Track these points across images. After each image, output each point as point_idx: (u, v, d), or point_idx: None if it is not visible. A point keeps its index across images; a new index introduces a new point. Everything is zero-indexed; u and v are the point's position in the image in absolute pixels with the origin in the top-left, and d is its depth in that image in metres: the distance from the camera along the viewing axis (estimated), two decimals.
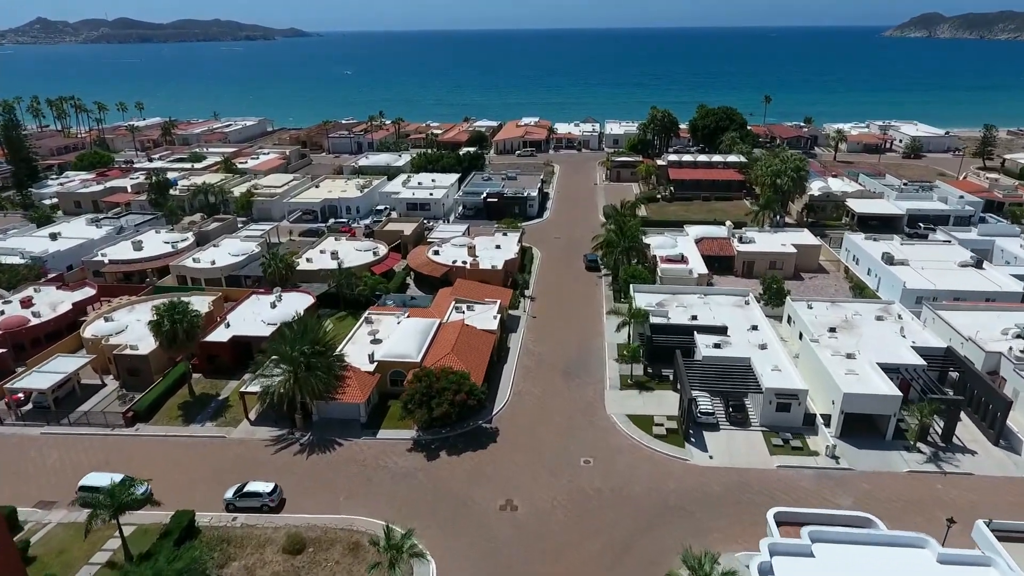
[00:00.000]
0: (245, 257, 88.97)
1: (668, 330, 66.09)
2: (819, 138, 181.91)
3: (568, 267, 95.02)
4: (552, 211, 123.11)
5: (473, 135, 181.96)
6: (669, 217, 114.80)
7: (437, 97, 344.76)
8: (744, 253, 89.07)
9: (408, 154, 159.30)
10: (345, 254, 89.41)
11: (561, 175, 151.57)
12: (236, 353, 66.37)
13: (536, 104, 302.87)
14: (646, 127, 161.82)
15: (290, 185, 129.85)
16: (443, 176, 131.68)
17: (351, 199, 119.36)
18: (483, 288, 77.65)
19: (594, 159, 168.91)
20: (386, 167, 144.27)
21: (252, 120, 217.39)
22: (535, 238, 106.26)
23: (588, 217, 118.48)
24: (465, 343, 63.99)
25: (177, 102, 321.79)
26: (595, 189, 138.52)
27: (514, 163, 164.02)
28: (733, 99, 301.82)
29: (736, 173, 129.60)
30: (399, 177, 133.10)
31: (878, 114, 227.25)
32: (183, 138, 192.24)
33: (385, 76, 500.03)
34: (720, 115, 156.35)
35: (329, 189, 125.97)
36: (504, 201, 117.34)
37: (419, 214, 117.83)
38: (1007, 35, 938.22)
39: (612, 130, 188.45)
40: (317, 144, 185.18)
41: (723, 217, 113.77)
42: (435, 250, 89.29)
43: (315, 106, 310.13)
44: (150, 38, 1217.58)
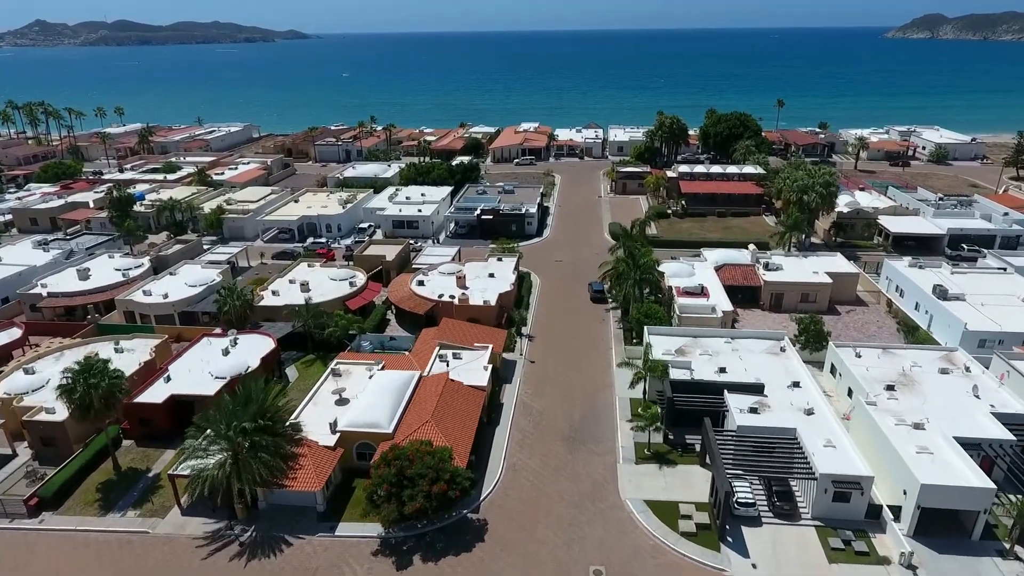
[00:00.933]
0: (203, 288, 77.98)
1: (693, 388, 55.15)
2: (836, 145, 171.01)
3: (571, 297, 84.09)
4: (553, 229, 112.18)
5: (468, 142, 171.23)
6: (682, 236, 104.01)
7: (434, 100, 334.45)
8: (772, 283, 78.05)
9: (398, 164, 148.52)
10: (318, 284, 78.53)
11: (562, 186, 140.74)
12: (175, 416, 55.44)
13: (535, 107, 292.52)
14: (653, 134, 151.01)
15: (267, 199, 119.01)
16: (434, 189, 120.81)
17: (332, 216, 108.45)
18: (472, 329, 66.76)
19: (597, 168, 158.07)
20: (373, 179, 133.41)
21: (237, 126, 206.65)
22: (534, 261, 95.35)
23: (592, 236, 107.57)
24: (448, 406, 53.08)
25: (162, 106, 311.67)
26: (599, 202, 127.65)
27: (512, 173, 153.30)
28: (739, 103, 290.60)
29: (753, 186, 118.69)
30: (386, 190, 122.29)
31: (893, 119, 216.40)
32: (161, 146, 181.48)
33: (382, 79, 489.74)
34: (733, 121, 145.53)
35: (309, 204, 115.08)
36: (500, 218, 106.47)
37: (406, 233, 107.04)
38: (1011, 36, 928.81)
39: (616, 136, 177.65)
40: (303, 152, 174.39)
41: (741, 235, 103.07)
42: (420, 280, 78.35)
43: (307, 110, 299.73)
44: (149, 40, 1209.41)
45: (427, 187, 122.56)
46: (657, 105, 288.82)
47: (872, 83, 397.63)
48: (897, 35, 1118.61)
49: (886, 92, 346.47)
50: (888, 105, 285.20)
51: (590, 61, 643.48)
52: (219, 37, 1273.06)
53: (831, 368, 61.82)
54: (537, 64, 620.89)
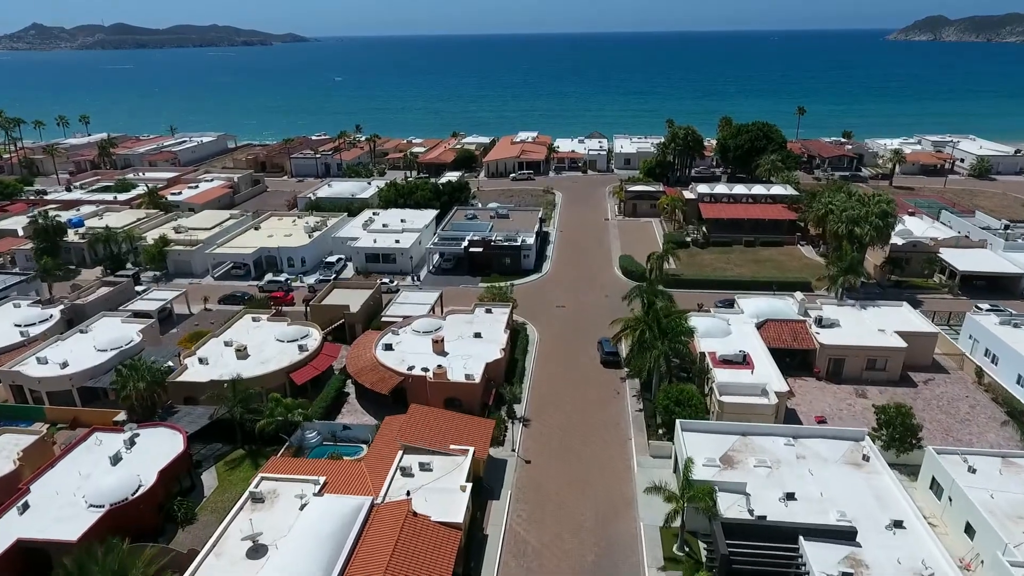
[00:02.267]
0: (116, 354, 61.99)
1: (755, 532, 39.15)
2: (865, 157, 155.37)
3: (576, 358, 68.16)
4: (554, 262, 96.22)
5: (460, 155, 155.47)
6: (706, 272, 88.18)
7: (427, 106, 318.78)
8: (831, 347, 62.08)
9: (379, 181, 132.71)
10: (259, 347, 62.65)
11: (564, 207, 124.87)
12: (24, 568, 39.51)
13: (534, 113, 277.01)
14: (665, 147, 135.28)
15: (224, 226, 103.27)
16: (416, 213, 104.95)
17: (295, 248, 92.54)
18: (449, 420, 50.83)
19: (603, 184, 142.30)
20: (350, 199, 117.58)
21: (211, 136, 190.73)
22: (531, 306, 79.40)
23: (600, 272, 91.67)
24: (408, 558, 37.21)
25: (140, 113, 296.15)
26: (606, 227, 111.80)
27: (507, 190, 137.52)
28: (748, 108, 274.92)
29: (785, 210, 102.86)
30: (362, 214, 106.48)
31: (918, 126, 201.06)
32: (124, 159, 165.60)
33: (375, 83, 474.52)
34: (755, 133, 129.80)
35: (270, 233, 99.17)
36: (492, 251, 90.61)
37: (381, 268, 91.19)
38: (1015, 38, 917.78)
39: (623, 148, 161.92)
40: (278, 166, 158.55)
41: (776, 271, 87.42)
42: (387, 343, 62.36)
43: (293, 117, 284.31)
44: (146, 44, 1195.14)
45: (409, 211, 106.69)
46: (662, 110, 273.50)
47: (886, 87, 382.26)
48: (899, 37, 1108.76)
49: (904, 97, 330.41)
50: (908, 111, 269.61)
51: (590, 65, 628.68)
52: (217, 41, 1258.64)
53: (931, 482, 45.77)
54: (537, 67, 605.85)
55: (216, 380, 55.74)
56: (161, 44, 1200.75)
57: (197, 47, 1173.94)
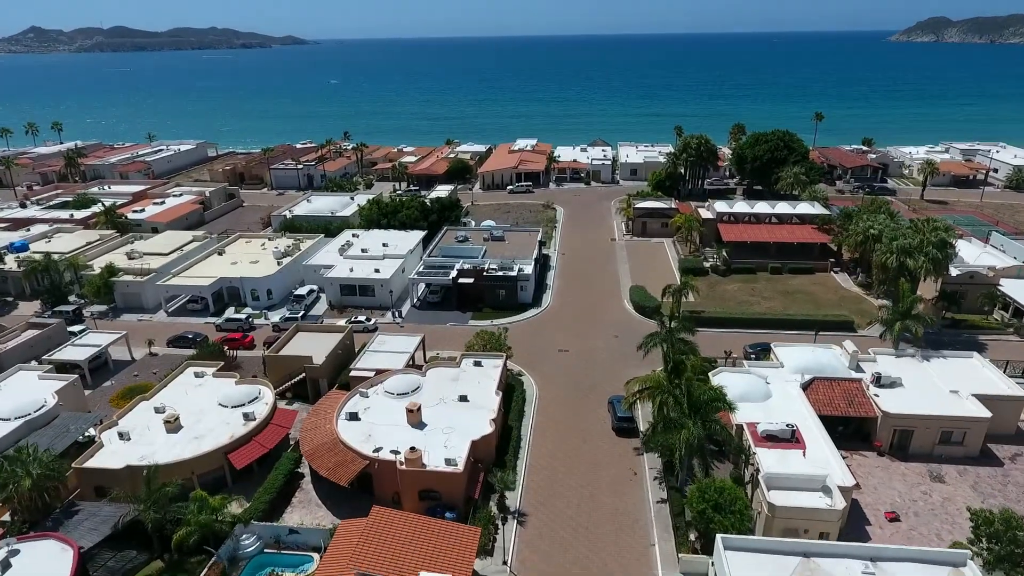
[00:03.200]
0: (20, 424, 50.62)
1: None
2: (890, 167, 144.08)
3: (582, 421, 56.79)
4: (555, 292, 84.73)
5: (453, 165, 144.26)
6: (730, 307, 76.79)
7: (422, 111, 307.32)
8: (895, 417, 50.61)
9: (366, 194, 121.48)
10: (198, 414, 51.35)
11: (566, 224, 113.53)
12: None
13: (533, 118, 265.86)
14: (676, 158, 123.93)
15: (185, 250, 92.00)
16: (401, 236, 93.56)
17: (260, 279, 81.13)
18: (421, 530, 39.39)
19: (607, 197, 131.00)
20: (329, 218, 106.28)
21: (190, 143, 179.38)
22: (529, 350, 68.06)
23: (608, 306, 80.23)
24: None
25: (123, 119, 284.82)
26: (613, 249, 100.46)
27: (504, 204, 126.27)
28: (753, 111, 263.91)
29: (815, 232, 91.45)
30: (341, 236, 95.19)
31: (939, 131, 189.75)
32: (94, 170, 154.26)
33: (372, 86, 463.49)
34: (775, 143, 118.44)
35: (235, 259, 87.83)
36: (484, 282, 79.23)
37: (358, 302, 79.85)
38: (1018, 39, 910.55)
39: (628, 157, 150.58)
40: (257, 177, 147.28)
41: (811, 306, 76.18)
42: (352, 411, 50.97)
43: (282, 122, 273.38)
44: (144, 46, 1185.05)
45: (393, 232, 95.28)
46: (667, 115, 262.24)
47: (899, 89, 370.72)
48: (901, 39, 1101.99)
49: (920, 100, 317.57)
50: (928, 115, 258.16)
51: (591, 67, 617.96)
52: (216, 43, 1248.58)
53: None
54: (538, 70, 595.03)
55: (134, 466, 44.44)
56: (159, 47, 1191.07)
57: (196, 50, 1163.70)
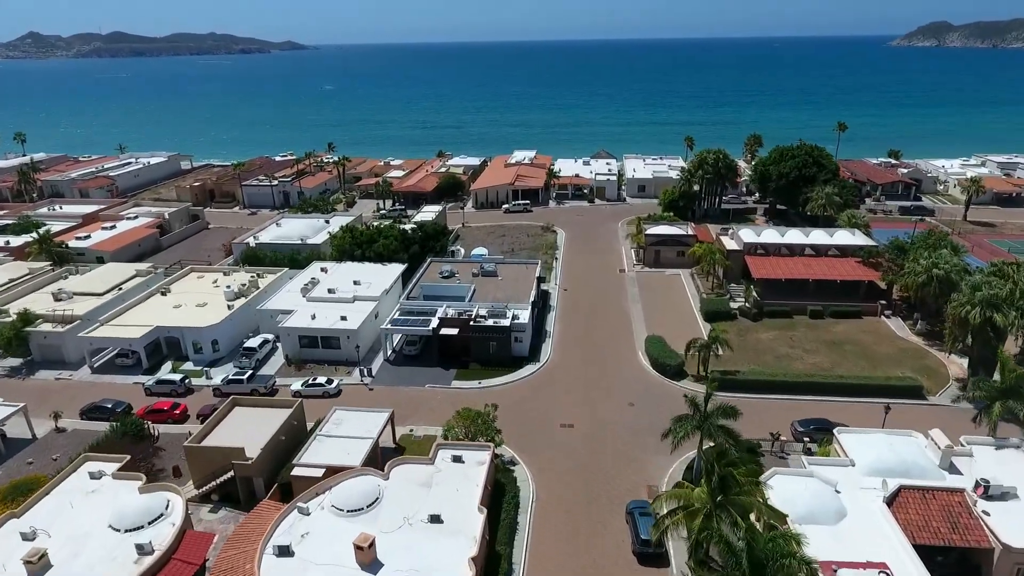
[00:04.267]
0: None
1: None
2: (923, 183, 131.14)
3: (593, 539, 43.39)
4: (556, 341, 71.37)
5: (444, 181, 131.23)
6: (768, 368, 63.37)
7: (415, 119, 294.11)
8: (1020, 552, 37.35)
9: (345, 216, 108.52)
10: (79, 541, 38.10)
11: (568, 251, 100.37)
12: None
13: (532, 127, 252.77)
14: (691, 175, 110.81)
15: (124, 288, 78.82)
16: (377, 270, 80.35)
17: (204, 328, 67.87)
18: None
19: (614, 217, 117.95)
20: (298, 246, 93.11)
21: (162, 156, 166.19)
22: (524, 425, 54.79)
23: (620, 361, 66.88)
24: None
25: (105, 129, 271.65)
26: (623, 283, 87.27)
27: (499, 225, 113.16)
28: (762, 118, 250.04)
29: (860, 267, 78.11)
30: (310, 268, 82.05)
31: (970, 142, 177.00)
32: (52, 186, 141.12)
33: (366, 92, 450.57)
34: (803, 158, 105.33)
35: (180, 301, 74.58)
36: (472, 332, 66.00)
37: (320, 356, 66.66)
38: (1021, 44, 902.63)
39: (635, 171, 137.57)
40: (229, 194, 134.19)
41: (865, 363, 63.13)
42: (282, 543, 37.62)
43: (271, 129, 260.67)
44: (143, 52, 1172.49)
45: (367, 266, 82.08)
46: (673, 122, 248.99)
47: (912, 96, 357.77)
48: (902, 43, 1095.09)
49: (939, 107, 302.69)
50: (951, 124, 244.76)
51: (593, 73, 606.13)
52: (214, 49, 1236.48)
53: None
54: (538, 75, 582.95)
55: None
56: (158, 52, 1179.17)
57: (194, 55, 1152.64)
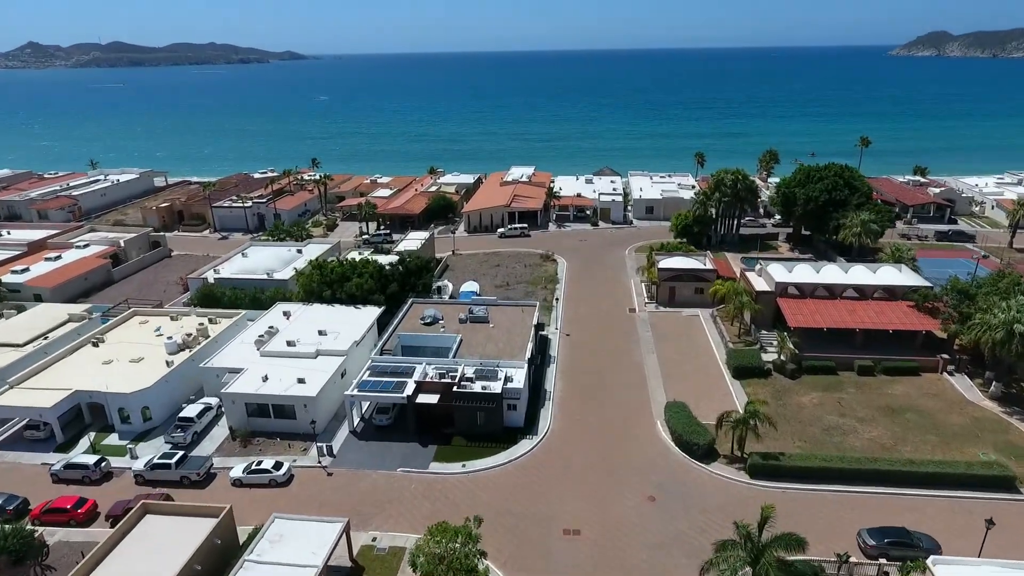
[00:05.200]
0: None
1: None
2: (957, 204, 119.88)
3: None
4: (556, 405, 59.55)
5: (434, 203, 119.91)
6: (813, 441, 51.86)
7: (409, 131, 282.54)
8: None
9: (320, 244, 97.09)
10: None
11: (571, 285, 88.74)
12: None
13: (531, 141, 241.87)
14: (707, 197, 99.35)
15: (53, 337, 67.16)
16: (348, 315, 68.72)
17: (131, 394, 56.07)
18: None
19: (621, 243, 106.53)
20: (263, 282, 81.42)
21: (133, 172, 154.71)
22: (516, 530, 43.03)
23: (635, 434, 54.99)
24: None
25: (84, 142, 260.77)
26: (634, 324, 75.60)
27: (493, 252, 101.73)
28: (770, 130, 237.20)
29: (914, 314, 66.25)
30: (272, 311, 70.44)
31: (993, 156, 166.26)
32: (8, 207, 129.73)
33: (362, 103, 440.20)
34: (832, 180, 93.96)
35: (112, 356, 62.84)
36: (456, 401, 54.26)
37: (274, 428, 54.89)
38: (1021, 53, 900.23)
39: (642, 190, 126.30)
40: (199, 216, 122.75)
41: (932, 434, 51.49)
42: None
43: (259, 142, 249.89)
44: (141, 62, 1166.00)
45: (339, 309, 70.47)
46: (678, 135, 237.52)
47: (920, 103, 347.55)
48: (902, 53, 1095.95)
49: (955, 119, 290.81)
50: (967, 136, 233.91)
51: (591, 83, 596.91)
52: (214, 58, 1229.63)
53: None
54: (540, 87, 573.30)
55: None
56: (157, 62, 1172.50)
57: (193, 65, 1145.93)
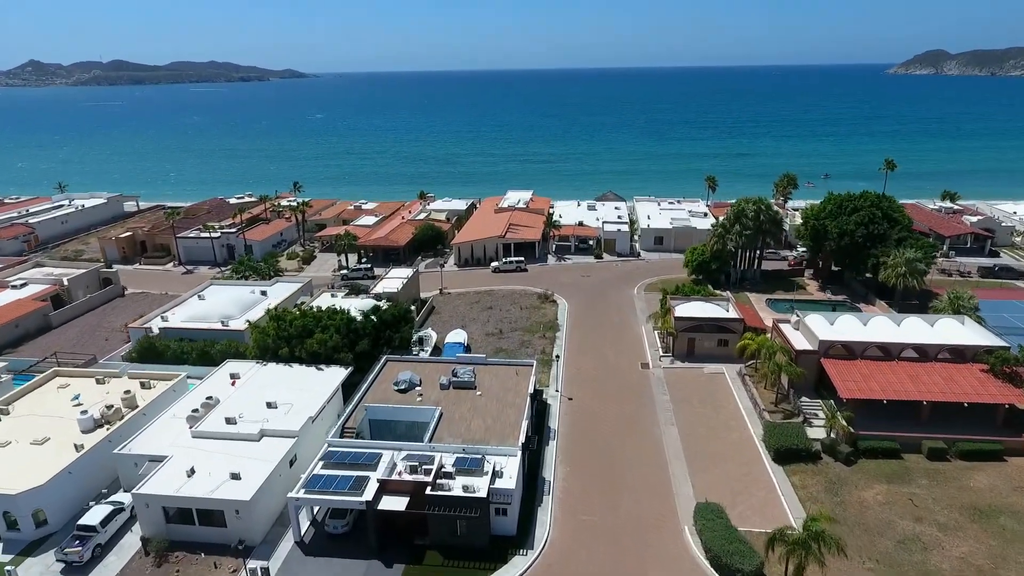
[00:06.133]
0: None
1: None
2: (997, 234, 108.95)
3: None
4: (557, 507, 47.80)
5: (421, 232, 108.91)
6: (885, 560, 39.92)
7: (401, 150, 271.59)
8: None
9: (290, 283, 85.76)
10: None
11: (573, 332, 77.13)
12: None
13: (528, 162, 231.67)
14: (726, 231, 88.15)
15: None
16: (307, 380, 57.10)
17: (19, 495, 44.24)
18: None
19: (628, 280, 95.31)
20: (216, 333, 69.89)
21: (101, 197, 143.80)
22: None
23: (657, 545, 43.10)
24: None
25: (59, 162, 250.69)
26: (647, 384, 64.03)
27: (486, 291, 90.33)
28: (777, 150, 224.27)
29: (990, 381, 54.69)
30: (214, 376, 58.84)
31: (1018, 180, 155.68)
32: None
33: (357, 122, 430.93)
34: (868, 212, 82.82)
35: (12, 436, 51.06)
36: (429, 506, 42.54)
37: (199, 538, 42.99)
38: (1020, 72, 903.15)
39: (650, 219, 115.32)
40: (164, 247, 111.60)
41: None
42: None
43: (246, 162, 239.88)
44: (142, 80, 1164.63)
45: (298, 370, 58.89)
46: (684, 156, 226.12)
47: (927, 119, 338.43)
48: (900, 71, 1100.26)
49: (971, 138, 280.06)
50: (986, 156, 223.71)
51: (591, 102, 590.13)
52: (214, 77, 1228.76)
53: None
54: (539, 104, 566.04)
55: None
56: (158, 80, 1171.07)
57: (194, 83, 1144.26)
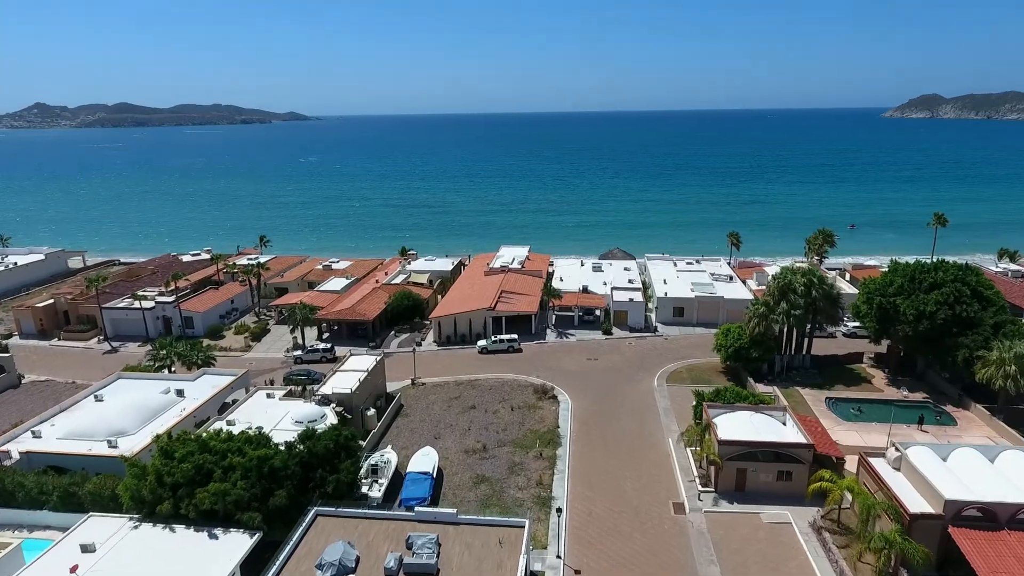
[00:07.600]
0: None
1: None
2: None
3: None
4: None
5: (395, 301, 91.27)
6: None
7: (389, 198, 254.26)
8: None
9: (221, 375, 67.63)
10: None
11: (578, 453, 58.22)
12: None
13: (525, 212, 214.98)
14: (770, 309, 70.40)
15: None
16: (190, 557, 38.53)
17: None
18: None
19: (645, 366, 77.11)
20: (94, 460, 51.31)
21: (39, 254, 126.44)
22: None
23: None
24: None
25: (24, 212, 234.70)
26: (685, 542, 45.20)
27: (469, 380, 72.03)
28: (792, 199, 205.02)
29: None
30: (66, 540, 40.16)
31: None
32: None
33: (350, 166, 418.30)
34: (952, 288, 65.42)
35: None
36: None
37: None
38: (1016, 115, 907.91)
39: (666, 284, 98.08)
40: (89, 319, 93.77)
41: None
42: None
43: (217, 210, 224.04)
44: (146, 122, 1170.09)
45: (183, 535, 40.38)
46: (691, 202, 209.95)
47: (936, 160, 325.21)
48: (895, 115, 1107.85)
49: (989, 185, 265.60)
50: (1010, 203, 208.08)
51: (589, 145, 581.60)
52: (217, 119, 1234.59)
53: None
54: (539, 148, 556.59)
55: None
56: (161, 122, 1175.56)
57: (196, 125, 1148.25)
